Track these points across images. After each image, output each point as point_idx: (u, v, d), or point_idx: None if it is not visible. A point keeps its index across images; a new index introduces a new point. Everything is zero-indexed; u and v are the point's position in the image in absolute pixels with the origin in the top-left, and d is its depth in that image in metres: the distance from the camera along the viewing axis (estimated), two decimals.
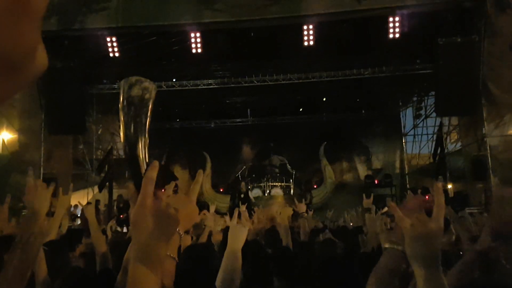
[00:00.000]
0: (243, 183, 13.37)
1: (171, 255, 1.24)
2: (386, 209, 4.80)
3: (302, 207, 5.22)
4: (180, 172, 17.28)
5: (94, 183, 13.81)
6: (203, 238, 4.03)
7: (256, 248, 3.12)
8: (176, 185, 1.30)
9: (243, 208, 3.53)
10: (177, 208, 1.11)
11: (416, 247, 1.20)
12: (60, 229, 4.41)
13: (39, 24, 0.42)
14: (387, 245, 1.50)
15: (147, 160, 1.16)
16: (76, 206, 10.88)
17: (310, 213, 6.39)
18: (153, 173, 1.02)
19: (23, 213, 7.86)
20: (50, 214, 2.49)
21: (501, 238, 1.72)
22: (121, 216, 11.93)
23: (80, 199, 13.89)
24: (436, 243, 1.19)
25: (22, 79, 0.43)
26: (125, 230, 8.23)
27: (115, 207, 12.85)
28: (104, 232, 4.46)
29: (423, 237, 1.20)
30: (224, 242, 2.52)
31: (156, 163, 1.07)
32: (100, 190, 13.38)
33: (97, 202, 12.16)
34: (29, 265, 1.68)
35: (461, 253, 2.57)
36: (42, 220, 1.79)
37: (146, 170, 1.06)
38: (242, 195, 12.61)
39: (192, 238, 3.84)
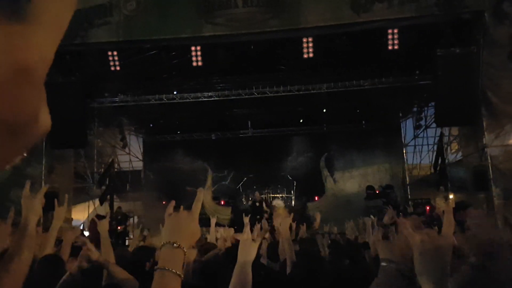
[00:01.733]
0: (257, 193, 13.13)
1: (177, 272, 1.20)
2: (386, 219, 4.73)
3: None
4: None
5: (95, 197, 13.79)
6: (210, 255, 3.97)
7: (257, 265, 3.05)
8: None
9: (246, 219, 3.43)
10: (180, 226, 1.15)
11: (425, 263, 1.18)
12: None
13: (42, 91, 0.43)
14: (384, 263, 1.48)
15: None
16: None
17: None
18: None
19: None
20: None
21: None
22: (119, 228, 11.87)
23: (81, 212, 13.88)
24: (445, 259, 1.17)
25: (25, 142, 0.44)
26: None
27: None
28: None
29: (433, 253, 1.17)
30: (231, 257, 2.49)
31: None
32: (101, 203, 13.35)
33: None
34: (20, 279, 1.64)
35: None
36: (31, 231, 1.76)
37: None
38: (257, 204, 12.30)
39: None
